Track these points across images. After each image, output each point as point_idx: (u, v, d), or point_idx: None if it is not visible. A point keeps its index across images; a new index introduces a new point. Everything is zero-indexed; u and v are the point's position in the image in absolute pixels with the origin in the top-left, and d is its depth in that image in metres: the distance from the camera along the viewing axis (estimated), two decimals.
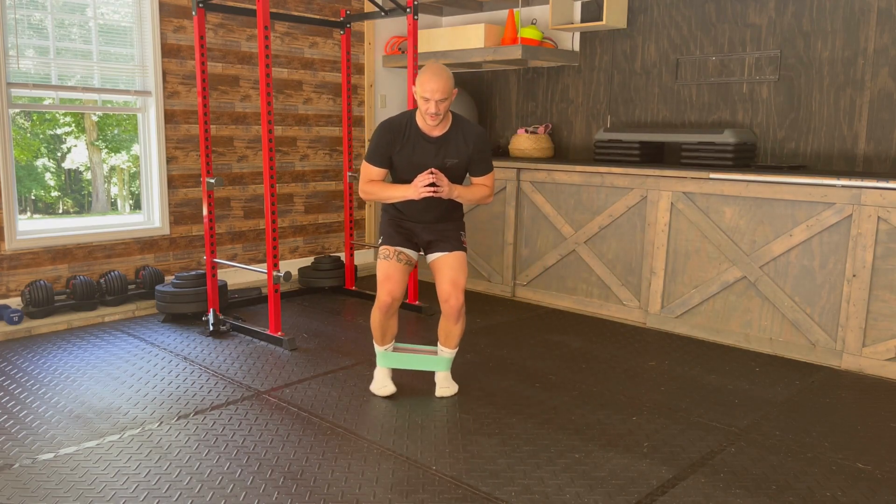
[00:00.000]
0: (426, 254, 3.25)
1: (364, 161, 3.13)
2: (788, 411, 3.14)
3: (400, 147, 3.06)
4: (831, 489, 2.47)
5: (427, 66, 2.97)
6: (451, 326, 3.19)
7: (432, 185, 2.98)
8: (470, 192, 3.15)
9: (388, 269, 3.12)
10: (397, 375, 3.48)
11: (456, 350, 3.28)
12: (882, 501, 2.40)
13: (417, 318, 4.55)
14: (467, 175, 3.19)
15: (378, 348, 3.26)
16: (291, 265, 5.51)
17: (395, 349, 3.31)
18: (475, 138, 3.10)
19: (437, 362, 3.30)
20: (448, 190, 3.02)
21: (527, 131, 5.45)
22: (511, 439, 2.81)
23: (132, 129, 4.89)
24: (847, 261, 3.65)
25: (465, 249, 3.23)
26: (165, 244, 4.84)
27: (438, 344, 3.29)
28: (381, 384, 3.25)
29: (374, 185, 3.12)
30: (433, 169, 2.99)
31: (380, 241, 3.24)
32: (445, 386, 3.27)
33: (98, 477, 2.49)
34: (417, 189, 2.99)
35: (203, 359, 3.73)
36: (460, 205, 3.24)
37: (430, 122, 2.98)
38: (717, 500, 2.38)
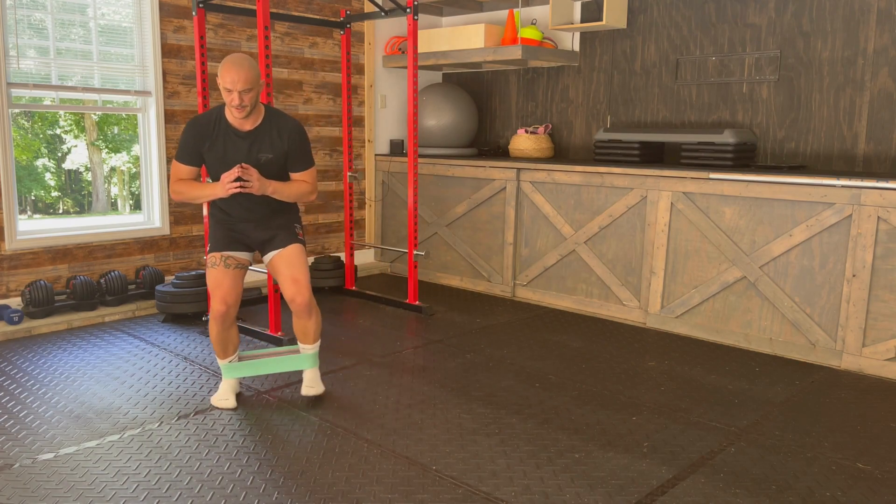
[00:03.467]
0: (262, 255, 3.13)
1: (173, 160, 3.00)
2: (788, 411, 3.14)
3: (209, 144, 2.94)
4: (831, 489, 2.47)
5: (229, 56, 2.87)
6: (304, 322, 3.07)
7: (239, 179, 2.85)
8: (287, 188, 3.00)
9: (217, 276, 2.99)
10: (394, 376, 3.48)
11: (318, 343, 3.16)
12: (882, 501, 2.40)
13: (417, 318, 4.56)
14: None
15: (221, 362, 3.13)
16: None
17: (240, 358, 3.19)
18: (290, 132, 2.98)
19: (302, 360, 3.18)
20: (259, 185, 2.88)
21: (527, 131, 5.45)
22: (511, 439, 2.81)
23: (132, 128, 4.89)
24: (847, 261, 3.65)
25: (301, 242, 3.10)
26: (165, 244, 4.84)
27: (298, 343, 3.18)
28: (223, 397, 3.11)
29: (184, 185, 2.98)
30: (242, 164, 2.87)
31: (207, 248, 3.11)
32: (311, 385, 3.15)
33: (98, 477, 2.49)
34: (224, 186, 2.86)
35: (203, 359, 3.73)
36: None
37: (237, 115, 2.87)
38: (717, 500, 2.38)
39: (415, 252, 4.69)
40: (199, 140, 2.94)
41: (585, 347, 3.99)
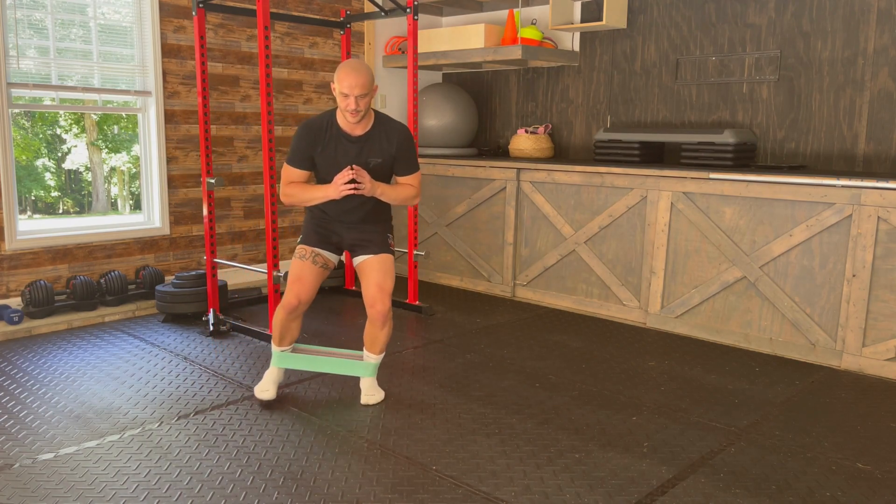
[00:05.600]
0: (352, 257, 3.16)
1: (285, 163, 3.05)
2: (788, 411, 3.14)
3: (322, 148, 2.98)
4: (831, 489, 2.47)
5: (346, 61, 2.92)
6: (377, 332, 3.09)
7: (352, 181, 2.89)
8: (395, 192, 3.05)
9: (301, 270, 3.03)
10: (394, 376, 3.48)
11: (382, 356, 3.17)
12: (882, 501, 2.40)
13: (417, 318, 4.56)
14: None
15: (275, 348, 3.16)
16: None
17: (296, 350, 3.22)
18: (399, 136, 3.02)
19: (363, 368, 3.18)
20: (370, 187, 2.93)
21: (527, 131, 5.45)
22: (511, 439, 2.81)
23: (132, 127, 4.89)
24: (847, 261, 3.65)
25: (392, 252, 3.14)
26: (165, 244, 4.84)
27: (364, 349, 3.19)
28: (264, 388, 3.14)
29: (295, 188, 3.02)
30: (353, 165, 2.90)
31: (299, 239, 3.16)
32: (371, 394, 3.16)
33: (98, 477, 2.49)
34: (338, 188, 2.90)
35: (203, 359, 3.73)
36: (387, 206, 3.16)
37: (351, 120, 2.90)
38: (717, 500, 2.38)
39: (415, 252, 4.69)
40: (311, 145, 2.99)
41: (585, 347, 3.99)
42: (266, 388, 3.15)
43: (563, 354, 3.86)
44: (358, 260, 3.13)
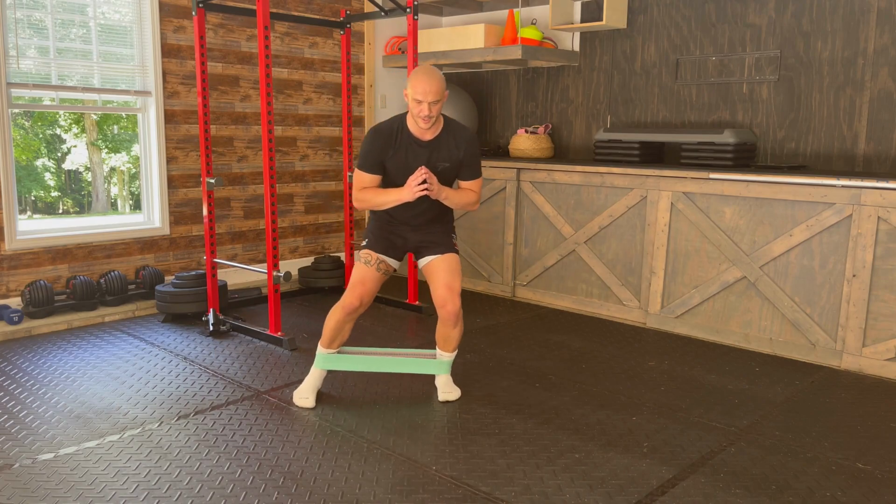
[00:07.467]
0: (417, 258, 3.19)
1: (356, 169, 3.07)
2: (788, 411, 3.14)
3: (392, 153, 3.01)
4: (831, 489, 2.47)
5: (419, 67, 2.94)
6: (449, 331, 3.12)
7: (424, 181, 2.92)
8: (458, 196, 3.10)
9: (365, 274, 3.05)
10: (394, 376, 3.48)
11: (455, 353, 3.22)
12: (882, 501, 2.40)
13: (418, 318, 4.56)
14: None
15: (322, 350, 3.14)
16: (291, 265, 5.51)
17: (341, 352, 3.20)
18: (466, 142, 3.07)
19: (438, 366, 3.22)
20: (437, 190, 2.97)
21: (527, 131, 5.45)
22: (511, 439, 2.81)
23: (132, 127, 4.89)
24: (847, 261, 3.65)
25: (457, 252, 3.17)
26: (165, 244, 4.84)
27: (437, 348, 3.22)
28: (304, 395, 3.13)
29: (368, 192, 3.05)
30: (423, 168, 2.94)
31: (364, 242, 3.17)
32: (448, 391, 3.21)
33: (98, 477, 2.49)
34: (412, 189, 2.93)
35: (203, 359, 3.73)
36: (450, 208, 3.20)
37: (423, 125, 2.94)
38: (717, 500, 2.38)
39: None
40: (382, 150, 3.02)
41: (585, 347, 3.99)
42: (306, 396, 3.13)
43: (563, 354, 3.86)
44: (424, 261, 3.15)
